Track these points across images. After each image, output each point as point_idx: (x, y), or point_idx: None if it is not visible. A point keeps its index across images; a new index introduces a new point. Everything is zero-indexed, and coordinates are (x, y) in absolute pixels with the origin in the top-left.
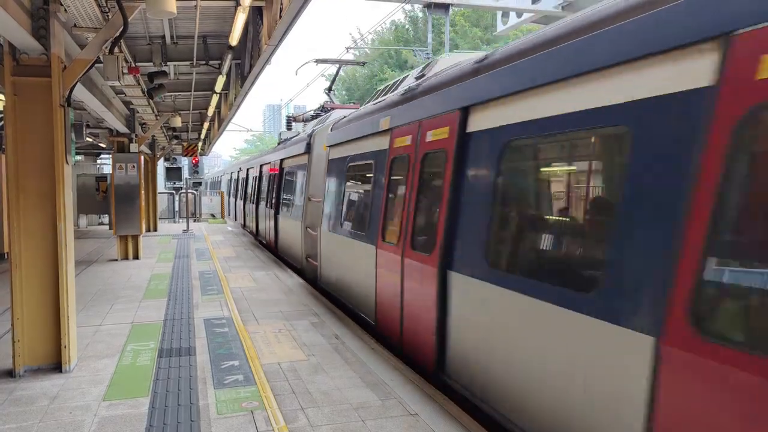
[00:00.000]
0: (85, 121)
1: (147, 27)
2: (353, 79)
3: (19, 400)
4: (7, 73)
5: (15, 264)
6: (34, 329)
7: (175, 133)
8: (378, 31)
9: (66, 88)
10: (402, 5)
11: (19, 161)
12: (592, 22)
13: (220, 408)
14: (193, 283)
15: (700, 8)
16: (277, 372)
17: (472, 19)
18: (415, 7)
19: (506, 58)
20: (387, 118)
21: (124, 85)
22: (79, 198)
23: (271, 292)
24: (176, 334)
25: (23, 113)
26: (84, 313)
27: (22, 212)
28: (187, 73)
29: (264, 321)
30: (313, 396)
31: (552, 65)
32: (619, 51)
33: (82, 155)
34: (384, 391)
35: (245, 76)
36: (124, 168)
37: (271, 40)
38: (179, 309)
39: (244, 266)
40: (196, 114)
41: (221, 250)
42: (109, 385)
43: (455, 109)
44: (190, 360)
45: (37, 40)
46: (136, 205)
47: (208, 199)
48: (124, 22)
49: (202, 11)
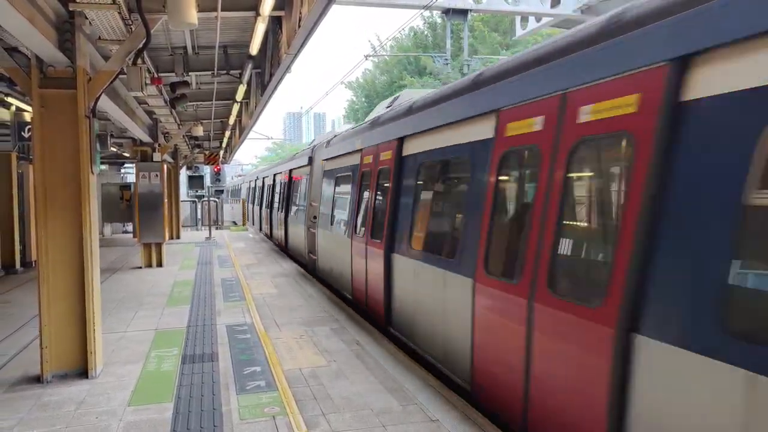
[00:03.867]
0: (110, 131)
1: (169, 38)
2: (372, 86)
3: (47, 405)
4: (35, 85)
5: (42, 272)
6: (61, 336)
7: (197, 141)
8: (397, 38)
9: (91, 99)
10: (421, 12)
11: (46, 171)
12: (454, 91)
13: (242, 413)
14: (216, 289)
15: (488, 96)
16: (298, 378)
17: (491, 24)
18: (434, 13)
19: (420, 107)
20: (359, 140)
21: (147, 95)
22: (104, 207)
23: (292, 299)
24: (199, 340)
25: (50, 124)
26: (109, 320)
27: (49, 221)
28: (209, 82)
29: (285, 327)
30: (334, 402)
31: (437, 116)
32: (462, 113)
33: (107, 165)
34: (405, 397)
35: (265, 84)
36: (148, 177)
37: (290, 49)
38: (202, 315)
39: (265, 273)
40: (217, 123)
41: (243, 257)
42: (134, 391)
43: (395, 138)
44: (213, 366)
45: (63, 53)
46: (159, 213)
47: (229, 206)
48: (147, 33)
49: (222, 22)
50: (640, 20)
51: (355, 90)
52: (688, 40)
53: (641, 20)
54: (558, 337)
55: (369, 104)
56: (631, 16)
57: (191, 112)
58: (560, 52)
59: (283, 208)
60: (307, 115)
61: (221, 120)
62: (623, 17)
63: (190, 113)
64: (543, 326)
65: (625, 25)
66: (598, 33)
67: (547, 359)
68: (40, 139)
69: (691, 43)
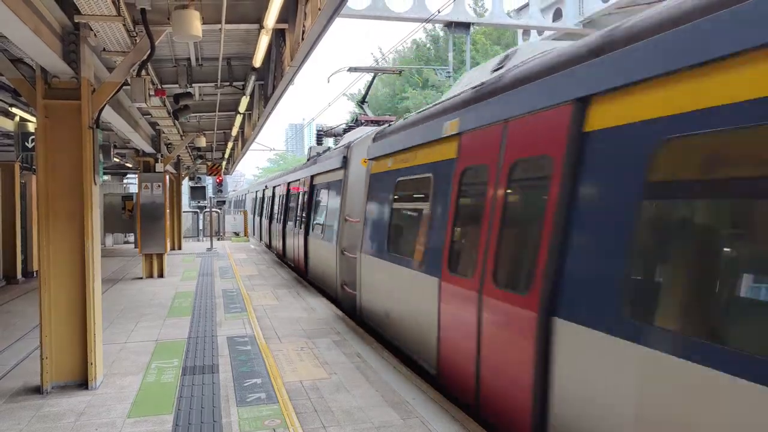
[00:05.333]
0: (113, 141)
1: (173, 50)
2: (374, 98)
3: (47, 417)
4: (39, 96)
5: (44, 282)
6: (61, 347)
7: (199, 152)
8: (399, 51)
9: (95, 110)
10: (423, 24)
11: (49, 182)
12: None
13: (242, 426)
14: (217, 301)
15: (448, 121)
16: (299, 390)
17: (493, 37)
18: (436, 26)
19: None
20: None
21: (151, 106)
22: (106, 217)
23: (293, 311)
24: (200, 351)
25: (54, 135)
26: (110, 331)
27: (51, 231)
28: (212, 94)
29: (286, 339)
30: (335, 415)
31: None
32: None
33: (109, 175)
34: (406, 410)
35: (268, 96)
36: (150, 187)
37: (293, 62)
38: (203, 327)
39: (266, 284)
40: (220, 134)
41: (244, 269)
42: (134, 402)
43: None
44: (214, 378)
45: (68, 65)
46: (161, 223)
47: (231, 217)
48: (151, 45)
49: (226, 34)
50: (558, 66)
51: (357, 102)
52: (585, 86)
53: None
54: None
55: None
56: (557, 61)
57: (194, 123)
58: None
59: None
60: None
61: (224, 131)
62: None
63: (193, 124)
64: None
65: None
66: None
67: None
68: (43, 150)
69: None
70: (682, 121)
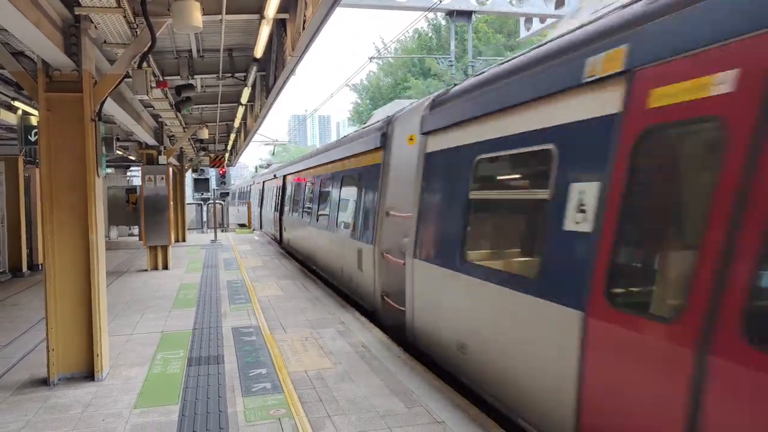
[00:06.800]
0: (115, 134)
1: (174, 41)
2: (377, 88)
3: (54, 408)
4: (41, 89)
5: (49, 275)
6: (67, 339)
7: (202, 144)
8: (401, 40)
9: (97, 102)
10: (425, 13)
11: (53, 175)
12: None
13: (248, 415)
14: (221, 292)
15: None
16: (304, 380)
17: (495, 25)
18: (438, 15)
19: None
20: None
21: (153, 98)
22: (110, 210)
23: (298, 301)
24: (205, 342)
25: (56, 128)
26: (115, 323)
27: (55, 224)
28: (214, 85)
29: (291, 329)
30: (340, 404)
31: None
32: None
33: (113, 168)
34: (410, 399)
35: (270, 87)
36: (153, 180)
37: (294, 52)
38: (208, 318)
39: (270, 275)
40: (222, 126)
41: (248, 260)
42: (140, 393)
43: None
44: (219, 368)
45: (69, 57)
46: (165, 216)
47: (235, 209)
48: (152, 37)
49: (227, 25)
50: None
51: (359, 92)
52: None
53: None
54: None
55: (374, 106)
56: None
57: (196, 115)
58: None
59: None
60: (311, 118)
61: (226, 123)
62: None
63: (195, 116)
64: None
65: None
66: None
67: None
68: (46, 143)
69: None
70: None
